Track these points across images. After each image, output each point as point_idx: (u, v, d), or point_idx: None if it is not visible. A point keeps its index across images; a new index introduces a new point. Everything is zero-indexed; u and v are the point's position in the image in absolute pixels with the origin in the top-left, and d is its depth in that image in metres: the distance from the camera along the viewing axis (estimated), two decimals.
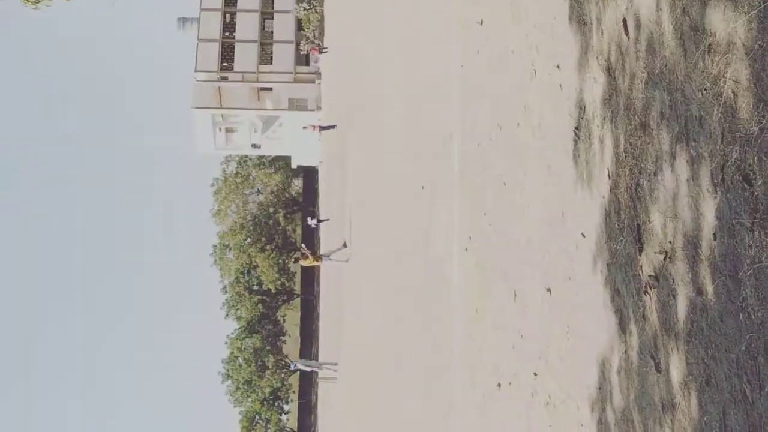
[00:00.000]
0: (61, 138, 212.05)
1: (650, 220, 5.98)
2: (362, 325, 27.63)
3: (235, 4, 65.87)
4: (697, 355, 5.21)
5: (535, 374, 8.99)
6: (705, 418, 5.07)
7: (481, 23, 12.43)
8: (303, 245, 40.01)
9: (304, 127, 54.71)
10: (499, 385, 10.47)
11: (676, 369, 5.52)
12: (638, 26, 6.29)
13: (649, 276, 5.98)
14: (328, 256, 34.21)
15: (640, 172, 6.19)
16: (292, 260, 76.55)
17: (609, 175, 6.94)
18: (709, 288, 5.02)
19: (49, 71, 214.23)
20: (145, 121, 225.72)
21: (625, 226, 6.54)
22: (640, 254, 6.18)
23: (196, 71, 62.87)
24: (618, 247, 6.69)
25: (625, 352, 6.52)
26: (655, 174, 5.88)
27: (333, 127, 46.21)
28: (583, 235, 7.56)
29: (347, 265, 32.17)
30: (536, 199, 9.25)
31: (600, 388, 7.12)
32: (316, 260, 34.60)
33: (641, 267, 6.15)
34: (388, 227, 22.27)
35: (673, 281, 5.56)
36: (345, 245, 31.95)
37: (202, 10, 64.90)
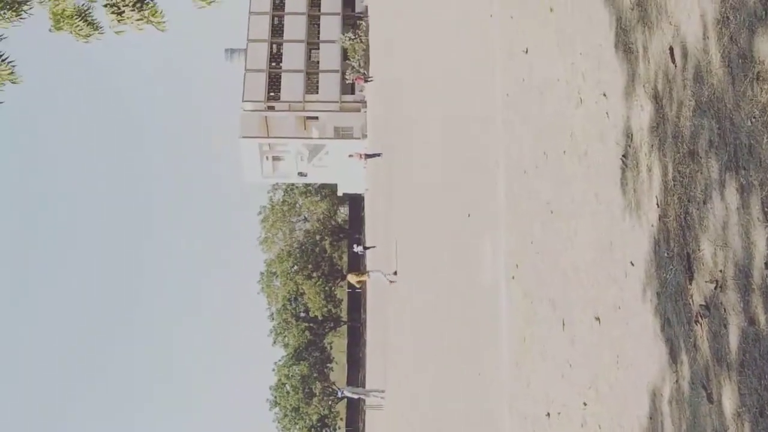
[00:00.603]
0: (110, 168, 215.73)
1: (700, 249, 5.93)
2: (408, 353, 27.56)
3: (281, 34, 66.72)
4: (750, 385, 5.13)
5: (585, 404, 8.91)
6: None
7: (527, 51, 12.46)
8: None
9: (349, 156, 55.08)
10: (548, 414, 10.38)
11: (729, 400, 5.44)
12: (685, 54, 6.28)
13: (700, 305, 5.93)
14: (375, 272, 34.13)
15: (689, 201, 6.15)
16: (338, 282, 76.74)
17: (658, 204, 6.90)
18: (762, 317, 4.96)
19: (99, 103, 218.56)
20: (193, 151, 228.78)
21: (674, 255, 6.48)
22: (690, 283, 6.12)
23: (243, 101, 63.69)
24: (668, 276, 6.63)
25: (677, 382, 6.44)
26: (704, 202, 5.84)
27: (378, 155, 46.45)
28: (632, 264, 7.51)
29: (393, 292, 32.14)
30: (584, 227, 9.21)
31: (651, 419, 7.04)
32: (362, 275, 34.55)
33: (692, 296, 6.09)
34: (434, 255, 22.26)
35: (725, 310, 5.50)
36: (395, 273, 31.95)
37: (250, 41, 65.86)
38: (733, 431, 5.38)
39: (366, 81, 59.29)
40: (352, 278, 34.19)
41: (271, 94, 64.33)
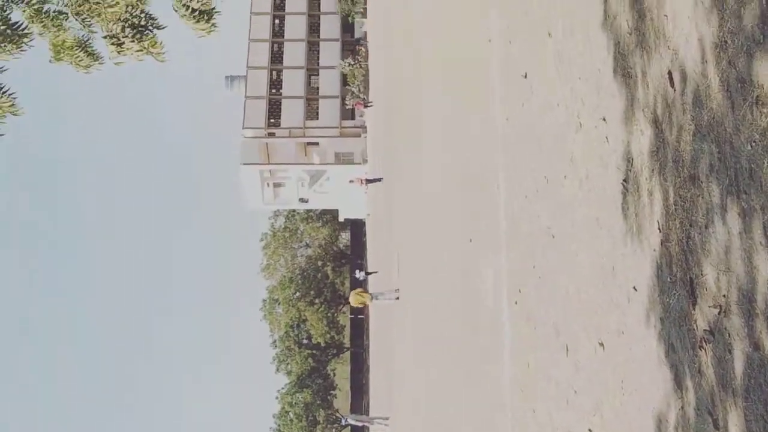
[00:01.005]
0: (109, 199, 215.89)
1: (703, 274, 5.90)
2: (411, 380, 27.44)
3: (281, 61, 67.03)
4: (756, 411, 5.09)
5: (590, 430, 8.84)
6: None
7: (525, 76, 12.48)
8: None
9: (350, 181, 55.18)
10: None
11: (735, 426, 5.39)
12: (684, 78, 6.28)
13: (704, 330, 5.89)
14: (377, 297, 33.77)
15: (690, 225, 6.13)
16: (341, 308, 76.51)
17: (659, 228, 6.87)
18: (766, 343, 4.92)
19: (100, 131, 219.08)
20: (194, 178, 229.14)
21: (677, 280, 6.45)
22: (693, 308, 6.08)
23: (243, 128, 63.90)
24: (671, 301, 6.59)
25: (682, 408, 6.38)
26: (706, 227, 5.82)
27: (379, 180, 46.52)
28: (635, 289, 7.47)
29: (396, 317, 32.03)
30: (586, 252, 9.18)
31: None
32: (365, 294, 33.97)
33: (696, 321, 6.05)
34: (436, 280, 22.20)
35: (729, 336, 5.46)
36: (397, 291, 31.81)
37: (249, 67, 66.16)
38: None
39: (366, 106, 59.51)
40: (354, 298, 33.58)
41: (272, 120, 64.55)
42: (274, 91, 65.67)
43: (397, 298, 31.65)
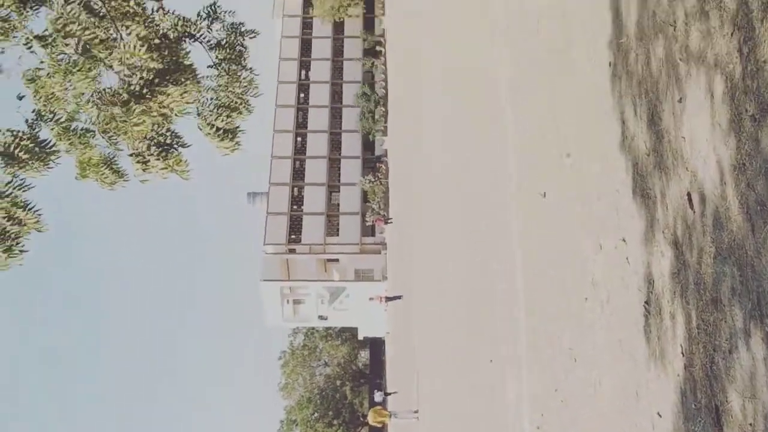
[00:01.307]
0: (131, 309, 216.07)
1: (728, 400, 5.74)
2: None
3: (303, 178, 67.90)
4: None
5: None
6: None
7: (544, 195, 12.54)
8: None
9: (370, 299, 55.00)
10: None
11: None
12: (703, 200, 6.27)
13: None
14: (396, 416, 33.13)
15: (714, 350, 6.00)
16: (359, 430, 74.95)
17: (683, 352, 6.74)
18: None
19: (123, 247, 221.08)
20: (216, 294, 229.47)
21: (702, 406, 6.28)
22: None
23: (264, 244, 64.20)
24: (696, 428, 6.40)
25: None
26: (730, 352, 5.69)
27: (399, 297, 46.33)
28: (660, 415, 7.28)
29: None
30: (608, 376, 8.99)
31: None
32: (384, 413, 33.34)
33: None
34: (456, 403, 21.79)
35: None
36: (416, 412, 31.22)
37: (272, 184, 66.99)
38: None
39: (386, 223, 59.82)
40: (372, 416, 32.92)
41: (292, 236, 64.90)
42: (295, 207, 66.30)
43: (417, 418, 31.08)
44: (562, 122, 11.62)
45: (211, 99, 9.60)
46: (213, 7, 9.65)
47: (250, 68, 9.94)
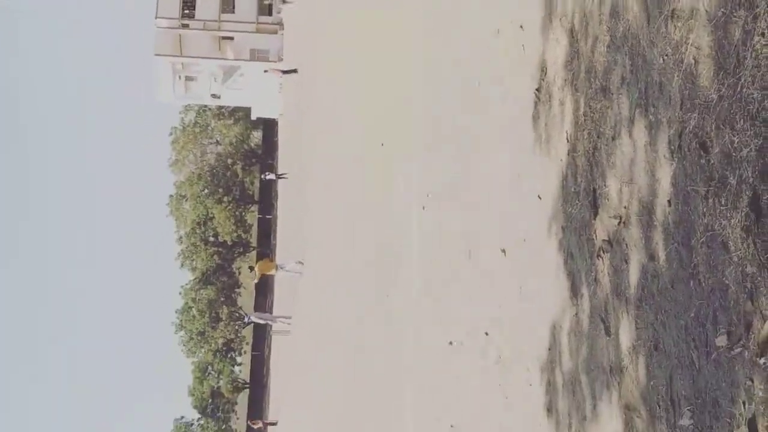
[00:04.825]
0: (17, 88, 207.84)
1: (606, 185, 5.98)
2: (317, 278, 27.62)
3: None
4: (646, 320, 5.24)
5: (487, 333, 9.04)
6: (652, 383, 5.13)
7: None
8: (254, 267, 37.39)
9: (265, 71, 54.14)
10: (451, 343, 10.52)
11: (626, 333, 5.56)
12: None
13: (603, 240, 6.00)
14: (283, 267, 33.30)
15: (598, 137, 6.18)
16: (248, 269, 76.01)
17: (567, 139, 6.92)
18: (662, 254, 5.04)
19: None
20: (105, 67, 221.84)
21: (581, 190, 6.54)
22: (594, 218, 6.19)
23: (157, 17, 61.78)
24: (573, 211, 6.70)
25: (576, 314, 6.56)
26: (613, 138, 5.87)
27: (295, 71, 45.69)
28: (540, 198, 7.57)
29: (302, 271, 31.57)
30: (495, 158, 9.23)
31: (550, 350, 7.17)
32: (271, 263, 33.41)
33: (595, 231, 6.17)
34: (350, 179, 22.18)
35: (626, 246, 5.58)
36: (301, 263, 31.53)
37: None
38: (627, 364, 5.51)
39: (284, 2, 58.11)
40: (261, 267, 32.75)
41: (186, 11, 62.56)
42: None
43: (301, 272, 31.34)
44: None
45: None
46: None
47: None
